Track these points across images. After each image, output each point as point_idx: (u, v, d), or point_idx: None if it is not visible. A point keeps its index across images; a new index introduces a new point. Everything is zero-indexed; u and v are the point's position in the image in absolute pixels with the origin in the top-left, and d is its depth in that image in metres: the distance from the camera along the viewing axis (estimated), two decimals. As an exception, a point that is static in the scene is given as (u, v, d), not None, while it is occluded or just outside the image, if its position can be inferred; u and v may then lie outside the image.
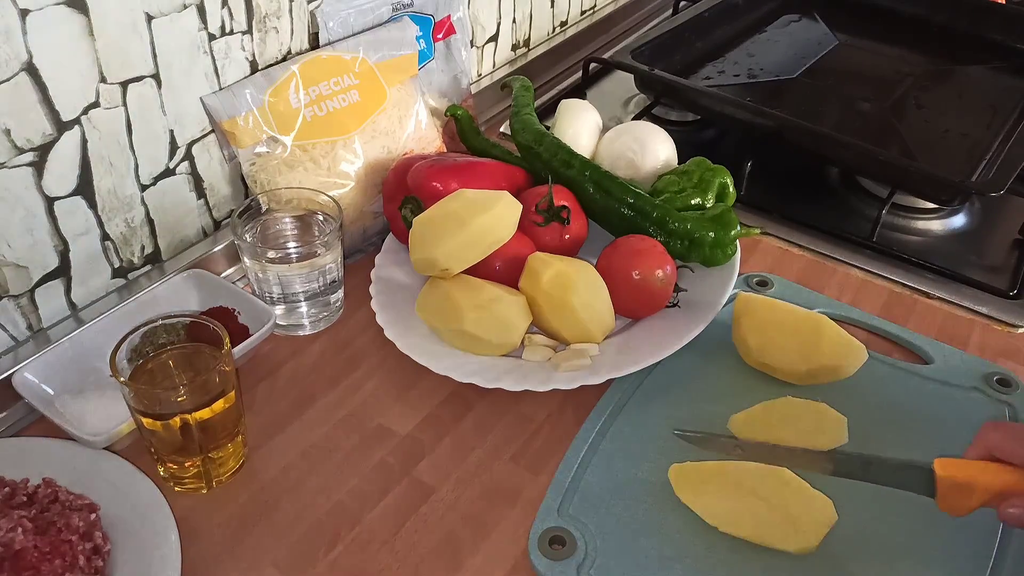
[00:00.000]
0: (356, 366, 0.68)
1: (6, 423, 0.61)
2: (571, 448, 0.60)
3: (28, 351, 0.62)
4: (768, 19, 1.18)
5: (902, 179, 0.83)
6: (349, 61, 0.76)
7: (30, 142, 0.58)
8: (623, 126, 0.82)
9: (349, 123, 0.75)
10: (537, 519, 0.55)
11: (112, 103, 0.62)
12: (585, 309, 0.64)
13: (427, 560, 0.54)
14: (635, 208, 0.71)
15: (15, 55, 0.55)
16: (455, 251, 0.64)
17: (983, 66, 1.09)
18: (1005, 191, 0.78)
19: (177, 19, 0.64)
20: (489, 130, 0.98)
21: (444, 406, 0.64)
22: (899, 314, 0.74)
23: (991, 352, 0.70)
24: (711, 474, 0.56)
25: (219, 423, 0.55)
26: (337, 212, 0.68)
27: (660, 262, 0.66)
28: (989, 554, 0.53)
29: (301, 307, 0.69)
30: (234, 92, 0.69)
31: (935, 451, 0.60)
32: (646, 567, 0.52)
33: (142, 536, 0.52)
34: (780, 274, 0.77)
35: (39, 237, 0.62)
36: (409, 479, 0.59)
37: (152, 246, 0.71)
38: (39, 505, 0.52)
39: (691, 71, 1.04)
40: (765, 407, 0.62)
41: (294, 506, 0.57)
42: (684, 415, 0.63)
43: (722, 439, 0.57)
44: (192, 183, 0.72)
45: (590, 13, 1.20)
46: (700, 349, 0.66)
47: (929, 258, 0.79)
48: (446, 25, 0.88)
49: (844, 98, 1.01)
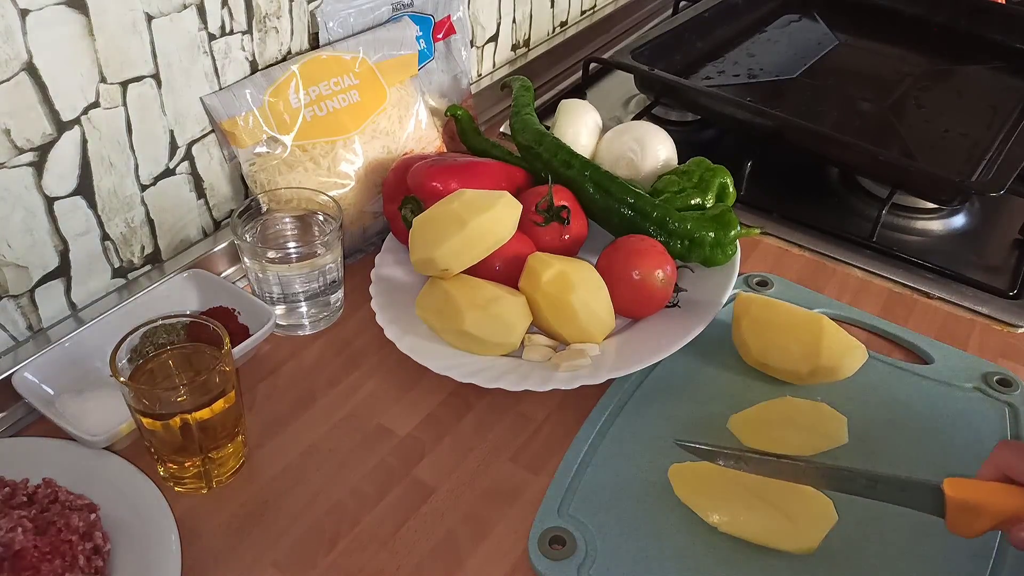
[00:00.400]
0: (356, 366, 0.68)
1: (6, 423, 0.61)
2: (571, 448, 0.60)
3: (28, 351, 0.62)
4: (768, 19, 1.18)
5: (902, 179, 0.83)
6: (349, 61, 0.76)
7: (30, 142, 0.58)
8: (623, 126, 0.82)
9: (349, 123, 0.75)
10: (537, 519, 0.55)
11: (112, 103, 0.62)
12: (585, 309, 0.64)
13: (427, 560, 0.54)
14: (635, 208, 0.71)
15: (15, 55, 0.55)
16: (455, 251, 0.64)
17: (983, 66, 1.09)
18: (1005, 191, 0.78)
19: (177, 19, 0.64)
20: (489, 130, 0.98)
21: (444, 406, 0.64)
22: (899, 314, 0.74)
23: (991, 352, 0.70)
24: (711, 474, 0.56)
25: (219, 423, 0.55)
26: (337, 212, 0.68)
27: (660, 262, 0.66)
28: (989, 554, 0.53)
29: (301, 307, 0.69)
30: (234, 92, 0.69)
31: (935, 451, 0.60)
32: (646, 567, 0.52)
33: (142, 536, 0.52)
34: (780, 274, 0.77)
35: (39, 237, 0.62)
36: (409, 479, 0.59)
37: (152, 246, 0.71)
38: (39, 505, 0.52)
39: (691, 71, 1.04)
40: (765, 407, 0.62)
41: (294, 506, 0.57)
42: (684, 415, 0.63)
43: (725, 452, 0.54)
44: (192, 183, 0.72)
45: (590, 13, 1.20)
46: (700, 349, 0.67)
47: (929, 258, 0.79)
48: (446, 25, 0.88)
49: (844, 98, 1.01)
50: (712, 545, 0.54)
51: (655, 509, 0.56)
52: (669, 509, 0.56)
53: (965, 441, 0.61)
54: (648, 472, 0.58)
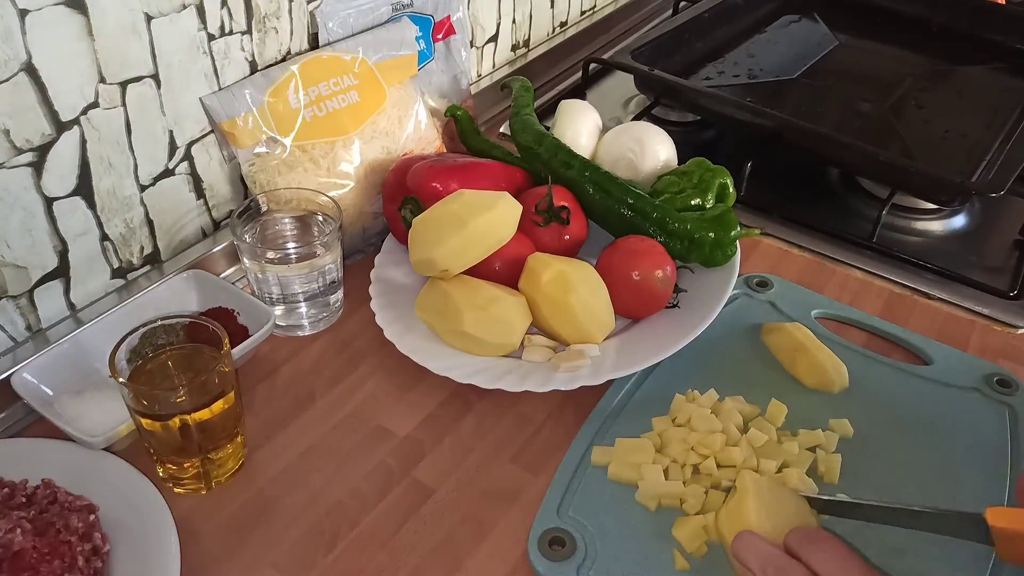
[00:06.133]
0: (356, 367, 0.68)
1: (5, 424, 0.61)
2: (571, 448, 0.60)
3: (27, 352, 0.62)
4: (768, 19, 1.18)
5: (902, 179, 0.83)
6: (349, 61, 0.76)
7: (29, 142, 0.58)
8: (623, 126, 0.82)
9: (349, 123, 0.75)
10: (537, 520, 0.55)
11: (111, 103, 0.62)
12: (585, 309, 0.64)
13: (426, 561, 0.54)
14: (635, 209, 0.71)
15: (14, 55, 0.55)
16: (455, 252, 0.64)
17: (983, 66, 1.09)
18: (1005, 191, 0.78)
19: (176, 19, 0.64)
20: (489, 130, 0.98)
21: (444, 407, 0.64)
22: (899, 315, 0.74)
23: (991, 353, 0.70)
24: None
25: (218, 424, 0.55)
26: (336, 213, 0.68)
27: (660, 262, 0.66)
28: (989, 555, 0.53)
29: (301, 308, 0.69)
30: (233, 92, 0.69)
31: (935, 452, 0.60)
32: (646, 568, 0.52)
33: (141, 537, 0.52)
34: (780, 275, 0.77)
35: (38, 237, 0.62)
36: (408, 480, 0.59)
37: (151, 246, 0.71)
38: (38, 506, 0.52)
39: (691, 71, 1.04)
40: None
41: (293, 507, 0.57)
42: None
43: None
44: (191, 183, 0.72)
45: (590, 13, 1.20)
46: (700, 350, 0.66)
47: (929, 259, 0.79)
48: (446, 25, 0.88)
49: (844, 98, 1.01)
50: (712, 545, 0.54)
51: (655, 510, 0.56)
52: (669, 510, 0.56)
53: (965, 442, 0.61)
54: (648, 473, 0.58)
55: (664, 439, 0.59)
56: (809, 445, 0.59)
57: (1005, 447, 0.61)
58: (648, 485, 0.56)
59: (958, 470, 0.59)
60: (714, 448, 0.58)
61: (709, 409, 0.61)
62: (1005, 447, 0.61)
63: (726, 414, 0.60)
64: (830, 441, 0.60)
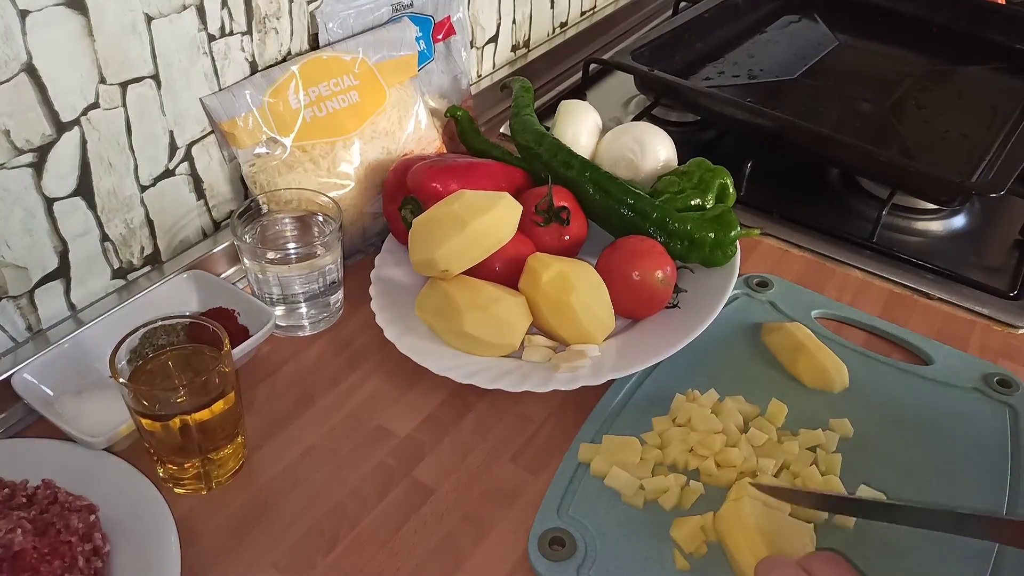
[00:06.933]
0: (356, 367, 0.68)
1: (5, 424, 0.61)
2: (571, 449, 0.60)
3: (27, 352, 0.62)
4: (768, 20, 1.18)
5: (902, 180, 0.83)
6: (349, 62, 0.76)
7: (29, 143, 0.58)
8: (623, 127, 0.82)
9: (349, 124, 0.75)
10: (537, 520, 0.55)
11: (112, 104, 0.62)
12: (585, 310, 0.64)
13: (426, 561, 0.54)
14: (635, 209, 0.71)
15: (15, 56, 0.55)
16: (455, 252, 0.64)
17: (983, 66, 1.09)
18: (1005, 191, 0.78)
19: (177, 20, 0.64)
20: (489, 131, 0.98)
21: (444, 407, 0.64)
22: (899, 315, 0.74)
23: (991, 352, 0.70)
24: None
25: (219, 424, 0.55)
26: (337, 213, 0.68)
27: (660, 263, 0.66)
28: (989, 555, 0.53)
29: (301, 308, 0.69)
30: (234, 93, 0.69)
31: (935, 452, 0.60)
32: (646, 569, 0.52)
33: (142, 537, 0.52)
34: (780, 275, 0.77)
35: (38, 238, 0.62)
36: (409, 480, 0.59)
37: (152, 247, 0.71)
38: (38, 506, 0.52)
39: (691, 72, 1.04)
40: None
41: (294, 507, 0.57)
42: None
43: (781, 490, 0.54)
44: (192, 184, 0.72)
45: (590, 14, 1.20)
46: (701, 350, 0.66)
47: (929, 259, 0.79)
48: (446, 26, 0.88)
49: (844, 98, 1.01)
50: (712, 546, 0.54)
51: (655, 510, 0.56)
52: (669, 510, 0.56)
53: (965, 442, 0.61)
54: (648, 473, 0.58)
55: (664, 439, 0.60)
56: (809, 445, 0.59)
57: (1005, 447, 0.61)
58: (624, 481, 0.56)
59: (958, 470, 0.59)
60: (714, 449, 0.58)
61: (709, 409, 0.61)
62: (1005, 447, 0.61)
63: (726, 414, 0.60)
64: (830, 441, 0.60)
